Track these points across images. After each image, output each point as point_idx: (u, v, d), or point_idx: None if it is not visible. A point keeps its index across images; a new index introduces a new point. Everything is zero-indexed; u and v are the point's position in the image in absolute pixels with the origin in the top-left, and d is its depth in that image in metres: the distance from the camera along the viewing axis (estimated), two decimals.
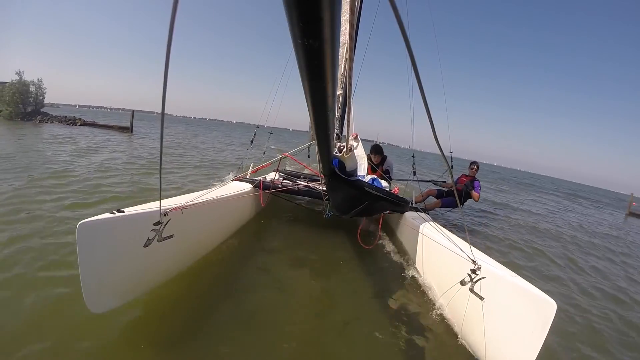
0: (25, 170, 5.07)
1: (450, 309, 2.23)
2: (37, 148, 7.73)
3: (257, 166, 4.36)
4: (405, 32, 0.67)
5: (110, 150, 8.90)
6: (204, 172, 7.13)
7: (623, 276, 4.45)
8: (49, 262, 2.35)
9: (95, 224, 1.52)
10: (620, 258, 5.57)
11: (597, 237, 7.14)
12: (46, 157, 6.52)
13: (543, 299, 1.54)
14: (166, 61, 0.77)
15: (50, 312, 1.83)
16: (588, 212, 12.96)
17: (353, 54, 3.42)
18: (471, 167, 5.11)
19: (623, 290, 3.78)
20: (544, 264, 4.24)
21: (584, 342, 2.44)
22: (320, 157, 2.07)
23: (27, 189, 4.06)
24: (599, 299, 3.39)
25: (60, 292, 2.00)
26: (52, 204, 3.57)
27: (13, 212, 3.20)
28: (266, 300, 2.27)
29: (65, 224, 3.02)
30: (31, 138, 10.02)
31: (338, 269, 3.01)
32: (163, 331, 1.82)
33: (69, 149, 8.18)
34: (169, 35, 0.71)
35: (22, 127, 13.90)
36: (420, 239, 2.92)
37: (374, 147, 4.66)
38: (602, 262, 5.02)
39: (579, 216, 10.68)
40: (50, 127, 14.92)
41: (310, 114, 1.19)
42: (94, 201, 3.91)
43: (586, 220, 9.92)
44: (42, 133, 12.02)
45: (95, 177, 5.12)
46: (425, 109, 0.87)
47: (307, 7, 0.61)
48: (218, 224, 2.86)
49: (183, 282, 2.24)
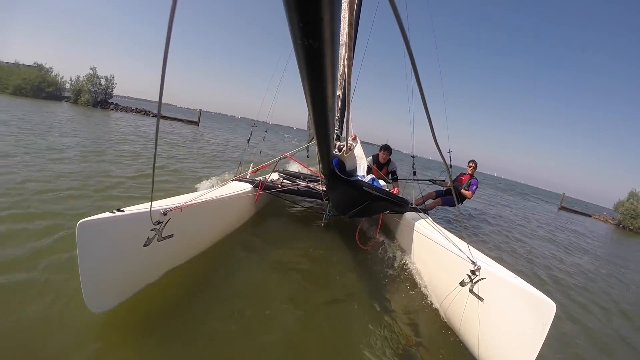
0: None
1: (449, 309, 2.23)
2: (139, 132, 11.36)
3: (257, 166, 4.35)
4: (405, 33, 0.67)
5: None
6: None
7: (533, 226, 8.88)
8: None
9: (95, 223, 1.52)
10: (535, 223, 9.84)
11: (535, 215, 12.31)
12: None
13: (542, 300, 1.54)
14: (164, 61, 0.77)
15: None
16: (532, 204, 18.45)
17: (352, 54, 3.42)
18: (469, 165, 5.14)
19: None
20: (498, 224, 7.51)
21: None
22: (320, 157, 2.07)
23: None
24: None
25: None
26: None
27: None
28: (265, 300, 2.27)
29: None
30: (114, 122, 14.31)
31: (337, 269, 3.00)
32: (158, 330, 1.82)
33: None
34: (167, 36, 0.71)
35: (92, 113, 17.76)
36: (419, 240, 2.92)
37: (384, 145, 4.64)
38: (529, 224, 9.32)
39: (526, 206, 16.02)
40: (120, 114, 19.86)
41: (310, 113, 1.19)
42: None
43: (528, 210, 14.34)
44: (114, 119, 16.36)
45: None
46: (423, 106, 0.87)
47: (307, 7, 0.61)
48: (218, 223, 2.85)
49: (181, 281, 2.24)
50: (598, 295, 3.93)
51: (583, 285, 4.19)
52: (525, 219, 10.10)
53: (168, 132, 13.77)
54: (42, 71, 23.54)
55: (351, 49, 1.17)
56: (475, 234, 5.65)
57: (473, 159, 5.15)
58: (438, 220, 4.26)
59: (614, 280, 4.96)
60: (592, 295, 3.89)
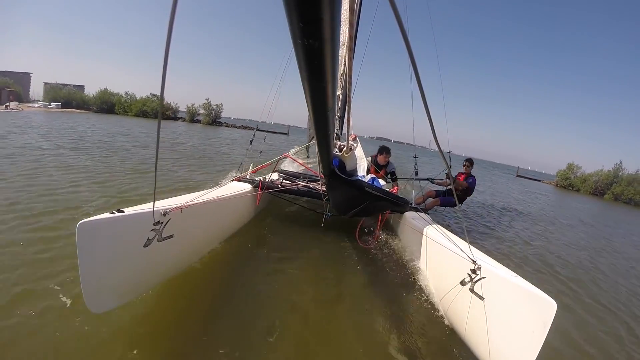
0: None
1: (450, 309, 2.23)
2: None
3: (257, 166, 4.35)
4: (405, 33, 0.67)
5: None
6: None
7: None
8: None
9: (95, 224, 1.52)
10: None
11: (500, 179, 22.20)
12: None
13: (543, 298, 1.54)
14: (164, 61, 0.77)
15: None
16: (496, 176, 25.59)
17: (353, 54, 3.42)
18: (464, 165, 5.12)
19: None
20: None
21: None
22: (320, 157, 2.06)
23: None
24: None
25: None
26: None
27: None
28: (265, 301, 2.27)
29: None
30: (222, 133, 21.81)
31: (337, 269, 3.00)
32: (160, 332, 1.82)
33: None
34: (168, 37, 0.71)
35: (215, 128, 26.84)
36: (419, 239, 2.92)
37: (384, 148, 4.63)
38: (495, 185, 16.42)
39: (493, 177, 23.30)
40: (231, 130, 27.73)
41: (310, 113, 1.18)
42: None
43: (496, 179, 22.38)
44: (222, 130, 25.45)
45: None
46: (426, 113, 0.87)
47: (307, 7, 0.61)
48: (218, 224, 2.85)
49: (182, 283, 2.24)
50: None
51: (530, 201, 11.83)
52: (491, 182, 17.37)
53: (272, 139, 19.63)
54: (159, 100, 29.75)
55: (352, 49, 1.17)
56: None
57: (469, 158, 5.15)
58: (438, 220, 4.26)
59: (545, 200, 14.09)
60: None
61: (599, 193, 24.05)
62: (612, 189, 23.43)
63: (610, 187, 23.69)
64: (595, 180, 24.81)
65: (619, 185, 23.30)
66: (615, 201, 22.27)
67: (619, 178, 24.03)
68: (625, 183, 23.19)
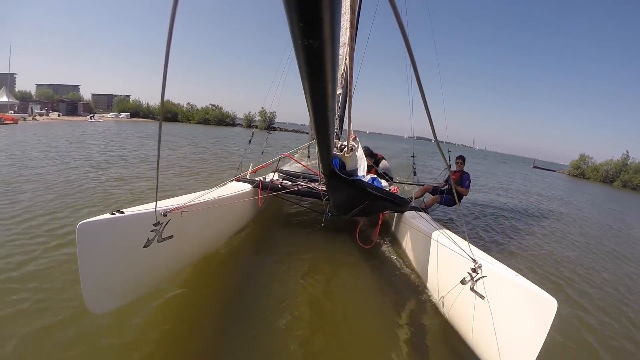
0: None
1: (451, 308, 2.22)
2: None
3: (256, 166, 4.34)
4: (405, 32, 0.67)
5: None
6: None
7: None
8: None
9: (95, 225, 1.52)
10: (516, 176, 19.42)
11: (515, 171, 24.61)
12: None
13: (544, 297, 1.54)
14: (165, 61, 0.77)
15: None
16: (512, 168, 28.81)
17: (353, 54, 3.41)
18: (457, 162, 5.15)
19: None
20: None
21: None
22: (320, 157, 2.06)
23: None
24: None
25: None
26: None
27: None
28: (265, 301, 2.27)
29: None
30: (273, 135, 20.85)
31: (337, 269, 3.00)
32: (164, 330, 1.82)
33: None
34: (168, 38, 0.71)
35: (272, 132, 27.20)
36: (420, 238, 2.91)
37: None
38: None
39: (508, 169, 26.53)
40: (280, 133, 31.80)
41: (310, 113, 1.18)
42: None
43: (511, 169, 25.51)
44: (274, 134, 24.78)
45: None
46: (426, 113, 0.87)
47: (307, 7, 0.61)
48: (218, 224, 2.85)
49: (183, 283, 2.24)
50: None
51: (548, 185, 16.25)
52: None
53: (295, 137, 22.94)
54: (218, 109, 38.85)
55: (353, 48, 1.16)
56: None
57: (461, 155, 5.18)
58: (438, 219, 4.26)
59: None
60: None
61: (609, 181, 26.62)
62: (621, 177, 25.89)
63: (619, 175, 26.27)
64: (606, 169, 27.72)
65: (627, 172, 25.96)
66: (624, 187, 24.56)
67: (627, 167, 26.73)
68: (632, 171, 25.81)
